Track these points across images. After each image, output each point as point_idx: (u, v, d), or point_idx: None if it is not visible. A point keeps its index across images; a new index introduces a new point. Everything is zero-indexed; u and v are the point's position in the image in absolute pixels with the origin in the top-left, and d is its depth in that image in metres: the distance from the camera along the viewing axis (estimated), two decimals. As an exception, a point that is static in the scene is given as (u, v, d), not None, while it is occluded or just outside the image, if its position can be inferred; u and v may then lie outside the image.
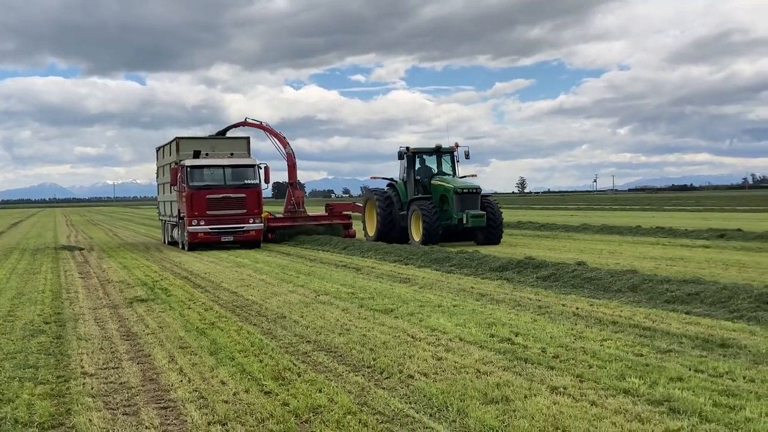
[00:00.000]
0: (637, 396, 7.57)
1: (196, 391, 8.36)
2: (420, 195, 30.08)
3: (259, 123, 37.78)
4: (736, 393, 7.55)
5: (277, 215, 36.00)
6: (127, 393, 8.39)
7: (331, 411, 7.34)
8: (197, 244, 30.26)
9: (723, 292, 13.14)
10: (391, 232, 30.90)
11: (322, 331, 11.68)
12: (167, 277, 20.71)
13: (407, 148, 31.04)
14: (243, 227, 30.59)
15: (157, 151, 39.07)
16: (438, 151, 31.52)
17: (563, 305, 13.59)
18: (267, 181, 32.46)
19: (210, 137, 35.69)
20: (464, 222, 28.64)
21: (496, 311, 13.09)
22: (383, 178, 32.83)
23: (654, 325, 11.38)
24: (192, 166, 30.36)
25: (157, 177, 39.27)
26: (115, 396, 8.28)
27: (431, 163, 31.66)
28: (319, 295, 15.79)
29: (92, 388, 8.60)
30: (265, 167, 32.19)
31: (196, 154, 31.00)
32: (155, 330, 12.32)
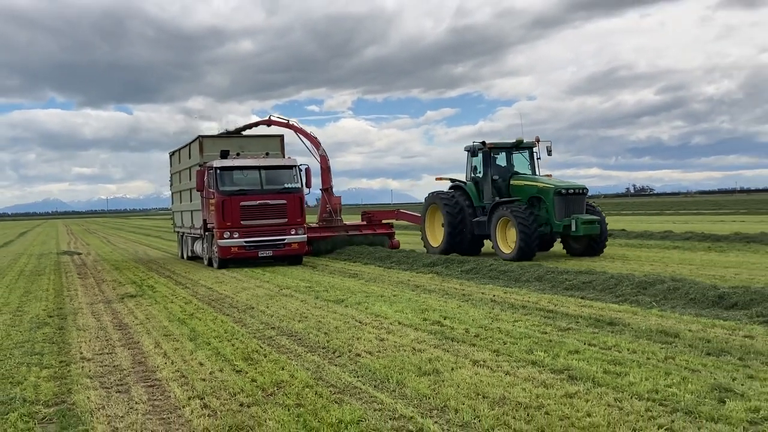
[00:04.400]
0: (543, 366, 7.64)
1: (178, 371, 8.22)
2: (504, 198, 21.25)
3: (286, 122, 28.12)
4: (621, 362, 7.67)
5: (312, 225, 25.74)
6: (120, 374, 8.22)
7: (292, 385, 7.28)
8: (229, 260, 21.60)
9: (611, 281, 13.37)
10: (462, 242, 22.18)
11: (285, 318, 11.59)
12: (152, 276, 20.38)
13: (483, 143, 21.86)
14: (284, 239, 21.61)
15: (170, 156, 29.54)
16: (517, 147, 22.37)
17: (483, 293, 13.68)
18: (309, 185, 22.73)
19: (238, 135, 27.03)
20: (573, 229, 19.87)
21: (429, 299, 13.12)
22: (449, 179, 23.60)
23: (556, 308, 11.52)
24: (223, 168, 21.41)
25: (171, 184, 29.62)
26: (109, 377, 8.10)
27: (501, 161, 22.53)
28: (282, 289, 15.66)
29: (90, 371, 8.40)
30: (306, 169, 22.76)
31: (224, 154, 22.08)
32: (143, 321, 12.09)
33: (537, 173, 22.17)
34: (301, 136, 27.62)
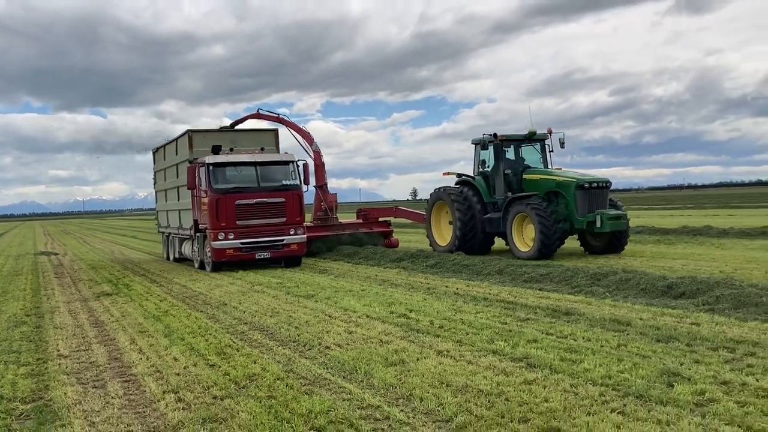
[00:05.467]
0: (503, 355, 7.70)
1: (153, 366, 8.14)
2: (519, 193, 19.13)
3: (276, 115, 25.47)
4: (577, 350, 7.76)
5: (307, 224, 22.30)
6: (96, 370, 8.11)
7: (264, 378, 7.24)
8: (224, 263, 19.30)
9: (567, 273, 13.51)
10: (473, 240, 20.00)
11: (257, 314, 11.52)
12: (128, 274, 20.11)
13: (494, 134, 19.71)
14: (282, 240, 19.35)
15: (154, 153, 26.77)
16: (530, 139, 20.30)
17: (446, 287, 13.74)
18: (307, 182, 20.54)
19: (229, 130, 24.53)
20: (598, 225, 17.73)
21: (395, 293, 13.14)
22: (458, 174, 21.31)
23: (515, 300, 11.62)
24: (216, 164, 19.07)
25: (155, 182, 26.85)
26: (86, 373, 7.98)
27: (510, 154, 20.37)
28: (254, 286, 15.56)
29: (67, 368, 8.27)
30: (304, 165, 20.56)
31: (216, 150, 19.68)
32: (119, 318, 11.93)
33: (549, 166, 20.27)
34: (292, 130, 25.15)
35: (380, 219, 25.34)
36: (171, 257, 24.60)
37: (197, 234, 20.47)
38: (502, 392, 6.27)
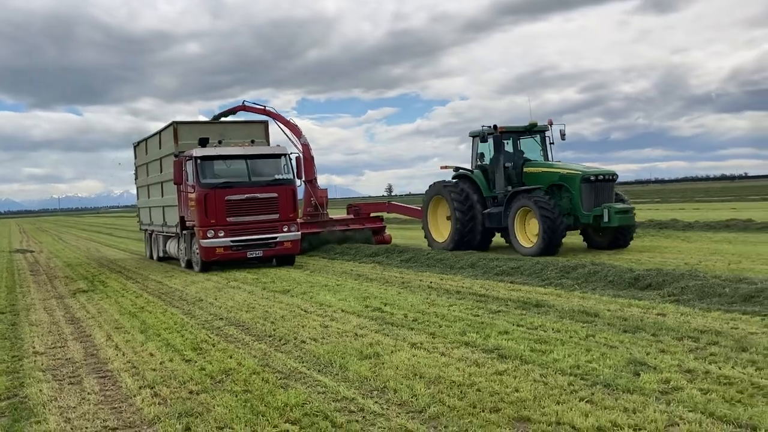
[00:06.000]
0: (475, 347, 7.75)
1: (129, 362, 8.07)
2: (519, 187, 18.25)
3: (262, 107, 24.22)
4: (547, 341, 7.83)
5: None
6: (72, 366, 8.02)
7: (240, 372, 7.21)
8: (214, 263, 18.09)
9: (537, 266, 13.61)
10: (472, 236, 19.09)
11: (232, 309, 11.46)
12: (104, 272, 19.88)
13: (494, 126, 18.70)
14: (275, 238, 18.09)
15: (135, 146, 25.16)
16: (530, 131, 19.32)
17: (420, 280, 13.78)
18: (300, 176, 19.23)
19: (217, 122, 23.48)
20: (606, 220, 16.89)
21: (370, 287, 13.15)
22: (455, 168, 20.22)
23: (487, 293, 11.68)
24: (204, 158, 17.80)
25: (137, 178, 25.28)
26: (62, 369, 7.89)
27: (509, 146, 19.42)
28: (229, 282, 15.48)
29: (42, 364, 8.17)
30: (297, 158, 19.36)
31: (204, 142, 18.36)
32: (95, 315, 11.80)
33: (551, 159, 19.31)
34: (279, 123, 23.67)
35: (372, 215, 24.36)
36: (155, 256, 23.22)
37: (184, 232, 19.24)
38: (474, 383, 6.31)
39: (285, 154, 18.95)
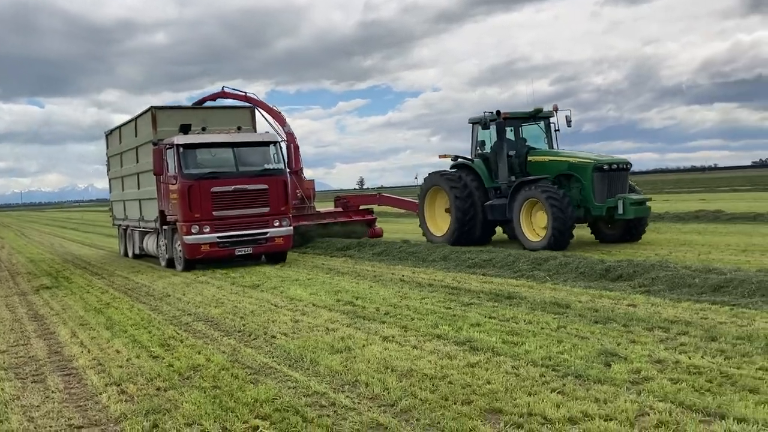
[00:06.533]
0: (447, 339, 7.78)
1: (95, 359, 7.97)
2: (522, 177, 17.28)
3: (243, 94, 23.06)
4: (518, 332, 7.90)
5: None
6: (36, 364, 7.90)
7: (208, 368, 7.16)
8: (198, 261, 16.72)
9: (509, 258, 13.71)
10: (473, 230, 18.08)
11: (201, 305, 11.37)
12: (68, 267, 19.60)
13: (497, 112, 17.70)
14: (266, 233, 16.78)
15: (107, 135, 23.60)
16: (535, 117, 18.41)
17: (392, 273, 13.80)
18: (291, 166, 18.10)
19: (199, 107, 22.19)
20: (620, 212, 15.99)
21: (342, 281, 13.14)
22: (453, 157, 19.16)
23: (459, 285, 11.75)
24: (187, 146, 16.45)
25: (109, 169, 23.78)
26: (24, 368, 7.77)
27: (510, 134, 18.28)
28: (198, 276, 15.35)
29: (4, 363, 8.03)
30: (287, 146, 18.04)
31: (186, 129, 17.19)
32: (59, 311, 11.64)
33: (556, 147, 18.32)
34: (261, 110, 22.07)
35: (361, 207, 23.33)
36: (130, 254, 21.74)
37: (164, 227, 17.76)
38: (445, 375, 6.35)
39: (275, 142, 17.74)
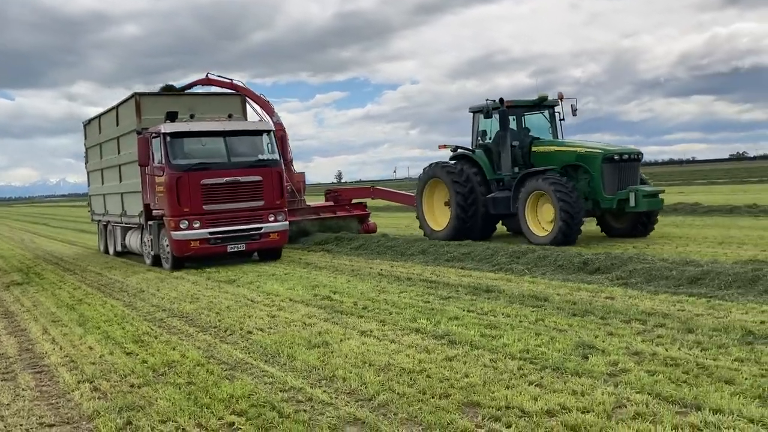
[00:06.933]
0: (425, 333, 7.81)
1: (67, 356, 7.89)
2: (526, 169, 16.72)
3: (229, 81, 22.01)
4: (497, 326, 7.94)
5: None
6: (6, 362, 7.81)
7: (183, 364, 7.12)
8: (187, 259, 15.82)
9: (487, 251, 13.77)
10: (474, 224, 17.38)
11: (176, 300, 11.30)
12: (40, 263, 19.35)
13: (501, 100, 17.10)
14: (260, 228, 15.88)
15: (85, 125, 22.64)
16: (540, 105, 17.76)
17: (371, 268, 13.81)
18: (286, 156, 17.11)
19: (186, 94, 21.10)
20: (632, 204, 15.43)
21: (319, 276, 13.12)
22: (453, 148, 18.42)
23: (438, 279, 11.78)
24: (175, 135, 15.51)
25: (87, 161, 22.68)
26: (-6, 366, 7.68)
27: (512, 123, 17.49)
28: (172, 272, 15.25)
29: (-28, 362, 7.94)
30: (281, 136, 17.07)
31: (173, 117, 16.17)
32: (30, 308, 11.50)
33: (560, 137, 17.71)
34: (248, 98, 20.60)
35: (354, 201, 22.57)
36: (111, 251, 20.78)
37: (149, 222, 16.73)
38: (423, 369, 6.36)
39: (270, 130, 16.84)
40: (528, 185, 15.95)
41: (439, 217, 18.40)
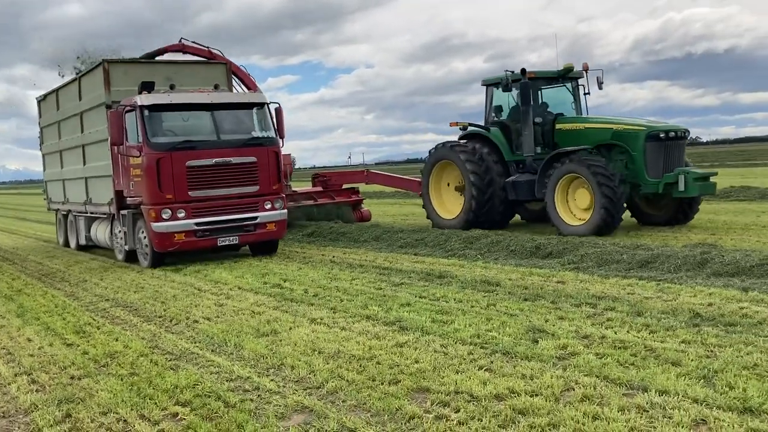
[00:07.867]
0: (376, 320, 7.83)
1: (3, 348, 7.72)
2: (549, 149, 15.21)
3: (206, 48, 19.33)
4: (448, 311, 8.01)
5: None
6: (-63, 357, 7.59)
7: (126, 355, 7.02)
8: (170, 253, 13.66)
9: (441, 237, 13.87)
10: (491, 212, 15.69)
11: (120, 290, 11.12)
12: (-23, 253, 18.85)
13: (522, 70, 15.34)
14: (255, 218, 13.80)
15: (40, 102, 19.70)
16: (564, 77, 16.00)
17: (323, 255, 13.78)
18: (281, 132, 14.51)
19: (161, 61, 18.26)
20: (681, 189, 13.74)
21: (270, 264, 13.05)
22: (467, 125, 16.67)
23: (391, 265, 11.82)
24: (154, 107, 13.30)
25: (42, 142, 19.94)
26: (-75, 361, 7.45)
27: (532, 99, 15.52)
28: (116, 261, 14.98)
29: None
30: (276, 109, 14.54)
31: (149, 87, 13.81)
32: (-35, 300, 11.19)
33: (585, 113, 16.04)
34: (227, 69, 17.23)
35: (345, 186, 20.74)
36: (72, 244, 18.23)
37: (122, 212, 14.40)
38: (373, 356, 6.39)
39: (265, 103, 14.52)
40: (559, 168, 14.20)
41: (449, 205, 16.84)
